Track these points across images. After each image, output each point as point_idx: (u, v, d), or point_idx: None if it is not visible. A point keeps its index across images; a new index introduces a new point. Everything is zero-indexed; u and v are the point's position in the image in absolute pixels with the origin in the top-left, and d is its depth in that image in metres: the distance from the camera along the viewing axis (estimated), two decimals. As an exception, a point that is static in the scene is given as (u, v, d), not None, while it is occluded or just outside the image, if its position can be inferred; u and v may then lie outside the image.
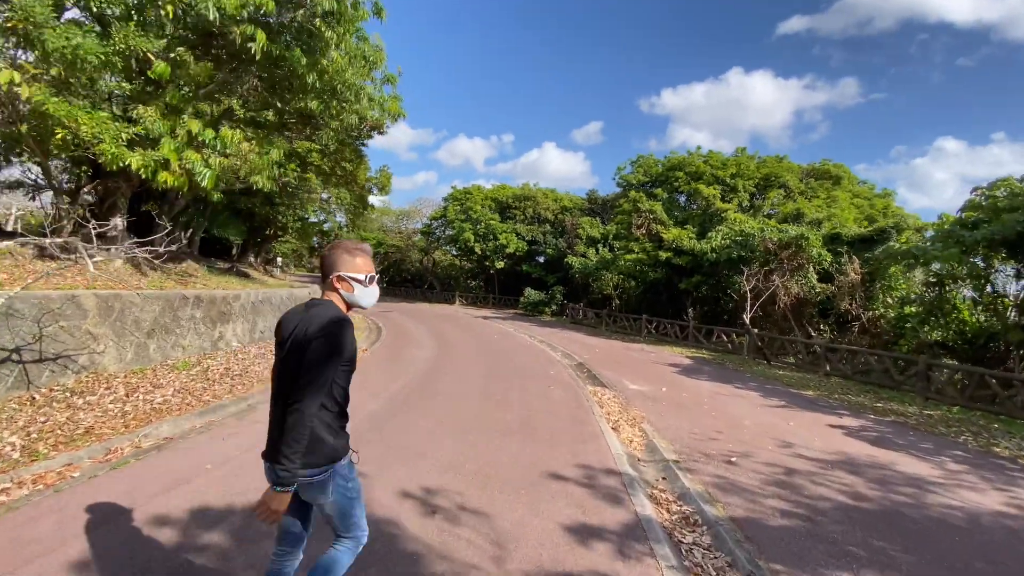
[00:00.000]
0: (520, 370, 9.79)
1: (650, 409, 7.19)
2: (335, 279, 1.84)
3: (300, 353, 1.69)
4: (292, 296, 12.99)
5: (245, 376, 7.76)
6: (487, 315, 25.97)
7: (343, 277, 1.84)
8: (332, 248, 1.91)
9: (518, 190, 35.57)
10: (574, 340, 16.38)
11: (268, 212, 23.35)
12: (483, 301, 35.68)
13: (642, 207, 20.69)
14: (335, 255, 1.87)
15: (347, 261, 1.85)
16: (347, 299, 1.87)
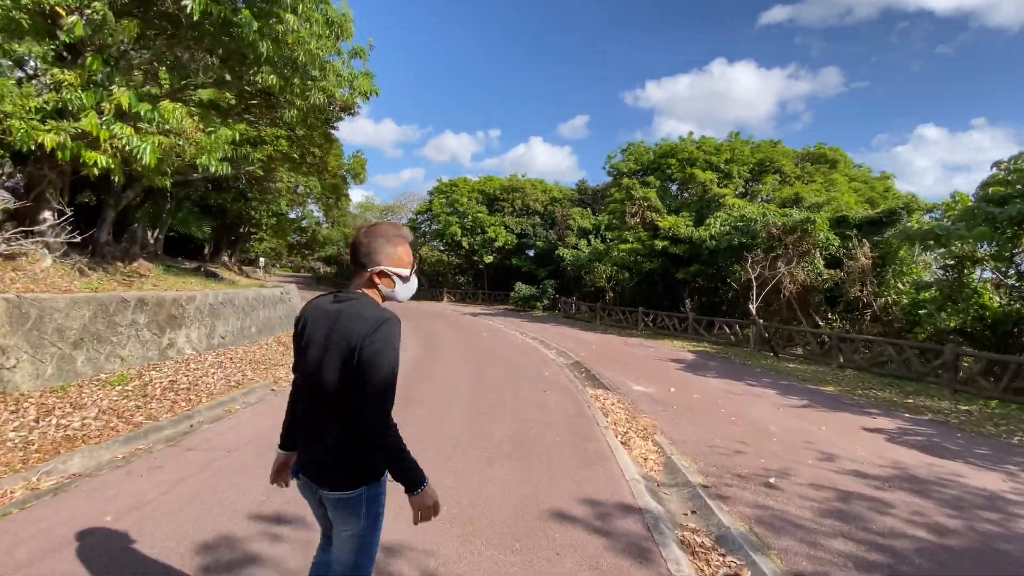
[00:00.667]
0: (512, 372, 8.86)
1: (661, 415, 6.31)
2: (376, 275, 1.58)
3: (347, 360, 1.47)
4: (260, 296, 11.89)
5: (193, 389, 6.73)
6: (476, 312, 25.01)
7: (386, 272, 1.59)
8: (368, 235, 1.60)
9: (506, 181, 34.54)
10: (568, 336, 15.49)
11: (240, 208, 22.09)
12: (472, 297, 34.67)
13: (635, 195, 19.83)
14: (374, 245, 1.58)
15: (389, 253, 1.59)
16: (386, 295, 1.63)
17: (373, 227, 1.64)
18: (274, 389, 7.47)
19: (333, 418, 1.51)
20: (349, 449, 1.50)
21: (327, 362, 1.50)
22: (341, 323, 1.51)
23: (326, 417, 1.52)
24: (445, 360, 9.93)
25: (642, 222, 19.59)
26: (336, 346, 1.49)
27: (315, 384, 1.54)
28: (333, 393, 1.49)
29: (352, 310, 1.52)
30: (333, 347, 1.50)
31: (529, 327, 17.91)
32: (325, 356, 1.51)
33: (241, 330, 10.25)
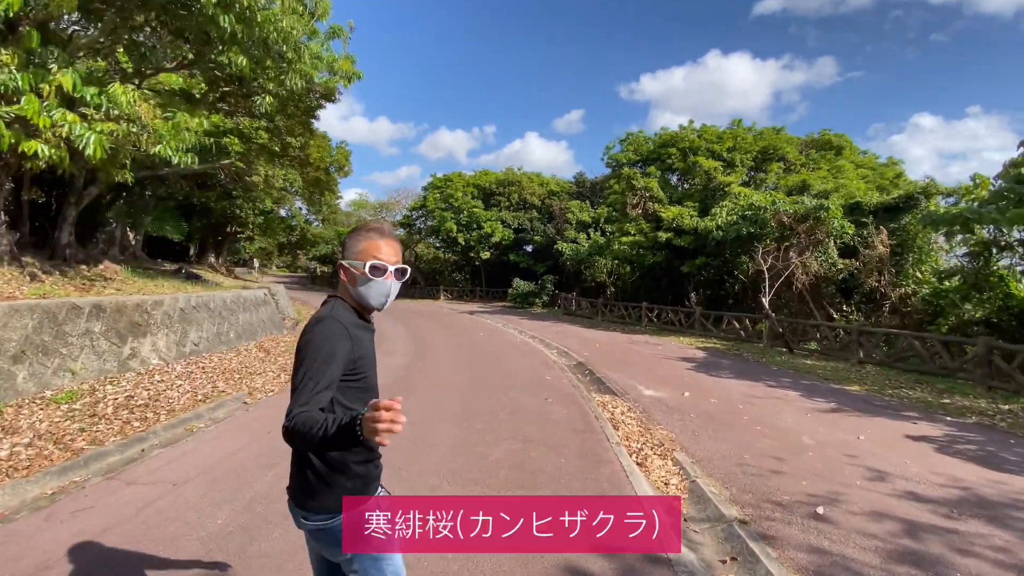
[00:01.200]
0: (510, 378, 8.18)
1: (678, 426, 5.64)
2: (340, 268, 1.53)
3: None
4: (240, 299, 11.18)
5: (152, 406, 6.03)
6: (473, 310, 24.32)
7: (343, 265, 1.50)
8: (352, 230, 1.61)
9: (501, 175, 33.78)
10: (569, 334, 14.82)
11: (225, 207, 21.33)
12: (469, 295, 33.99)
13: (637, 185, 19.12)
14: (347, 238, 1.56)
15: (350, 244, 1.51)
16: (354, 296, 1.51)
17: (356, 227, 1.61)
18: (247, 402, 6.78)
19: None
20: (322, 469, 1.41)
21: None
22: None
23: None
24: (436, 367, 9.24)
25: (644, 213, 18.89)
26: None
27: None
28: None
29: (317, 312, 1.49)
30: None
31: (528, 325, 17.23)
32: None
33: (217, 336, 9.55)
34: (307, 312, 19.38)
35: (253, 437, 5.15)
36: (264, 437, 5.11)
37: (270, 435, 5.19)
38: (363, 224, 1.59)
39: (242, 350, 9.82)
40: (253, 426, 5.57)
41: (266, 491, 3.77)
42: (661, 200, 19.06)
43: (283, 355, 9.92)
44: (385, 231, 1.54)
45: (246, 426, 5.61)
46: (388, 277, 1.47)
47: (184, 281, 13.34)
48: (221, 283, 16.60)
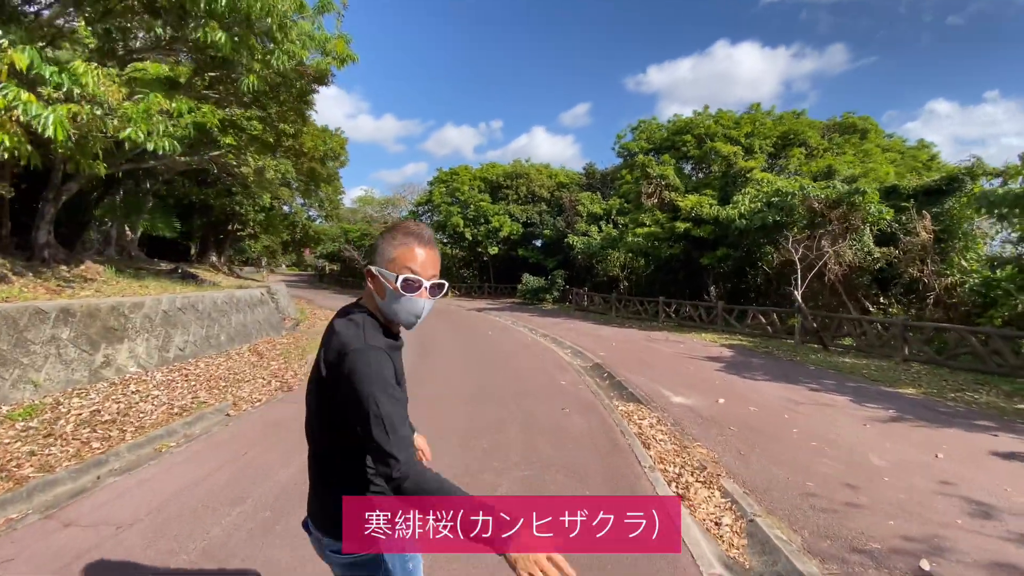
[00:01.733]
0: (521, 383, 7.45)
1: (719, 443, 4.87)
2: (367, 273, 1.33)
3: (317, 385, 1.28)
4: (233, 299, 10.58)
5: (120, 421, 5.40)
6: (482, 307, 23.63)
7: (372, 272, 1.30)
8: (383, 230, 1.35)
9: (509, 168, 32.98)
10: (583, 332, 14.04)
11: (225, 204, 20.82)
12: (478, 291, 33.33)
13: (652, 173, 18.20)
14: (378, 241, 1.33)
15: (383, 249, 1.29)
16: (381, 308, 1.31)
17: (388, 227, 1.37)
18: (230, 414, 6.14)
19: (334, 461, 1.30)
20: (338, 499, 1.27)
21: (317, 395, 1.29)
22: (326, 347, 1.27)
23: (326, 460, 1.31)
24: (440, 370, 8.55)
25: (660, 203, 17.99)
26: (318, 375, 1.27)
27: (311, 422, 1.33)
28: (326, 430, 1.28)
29: (335, 327, 1.29)
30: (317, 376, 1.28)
31: (539, 323, 16.48)
32: (315, 389, 1.30)
33: (206, 339, 8.95)
34: (312, 311, 18.84)
35: (227, 459, 4.49)
36: (239, 459, 4.45)
37: (247, 456, 4.54)
38: (399, 224, 1.34)
39: (233, 354, 9.22)
40: (230, 445, 4.91)
41: (224, 537, 3.09)
42: (677, 189, 18.14)
43: (277, 359, 9.31)
44: (425, 237, 1.30)
45: (222, 445, 4.95)
46: (422, 294, 1.28)
47: (177, 281, 12.79)
48: (219, 283, 16.07)
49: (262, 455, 4.56)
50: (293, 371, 8.38)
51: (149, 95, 6.17)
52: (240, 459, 4.48)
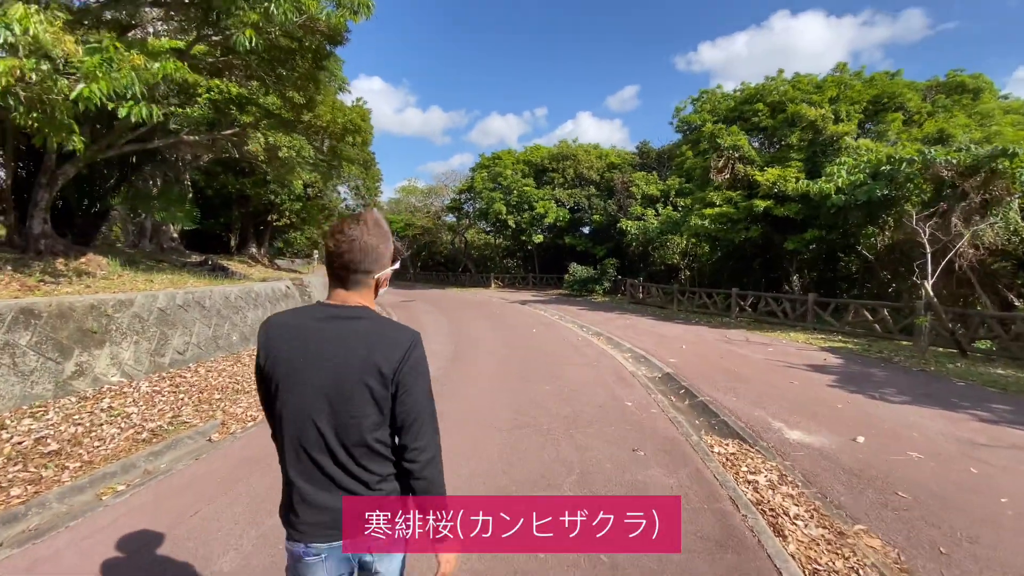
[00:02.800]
0: (573, 402, 5.90)
1: (891, 525, 3.11)
2: (382, 280, 1.38)
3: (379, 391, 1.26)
4: (250, 294, 9.69)
5: (69, 451, 4.37)
6: (526, 299, 22.15)
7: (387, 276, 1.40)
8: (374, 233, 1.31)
9: (555, 149, 31.06)
10: (643, 329, 12.22)
11: (261, 192, 20.46)
12: (522, 282, 31.87)
13: (722, 143, 15.83)
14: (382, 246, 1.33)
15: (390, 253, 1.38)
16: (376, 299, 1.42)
17: (369, 221, 1.32)
18: (213, 439, 5.01)
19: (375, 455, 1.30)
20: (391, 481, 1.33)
21: (357, 395, 1.25)
22: (366, 345, 1.25)
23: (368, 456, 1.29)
24: (472, 381, 7.13)
25: (731, 180, 15.65)
26: (359, 375, 1.25)
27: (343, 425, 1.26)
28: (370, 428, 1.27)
29: (370, 329, 1.28)
30: (354, 376, 1.25)
31: (590, 317, 14.78)
32: (353, 390, 1.25)
33: (214, 339, 8.02)
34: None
35: (176, 518, 3.28)
36: (181, 526, 3.20)
37: (194, 520, 3.28)
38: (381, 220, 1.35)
39: (245, 356, 8.25)
40: (185, 494, 3.70)
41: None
42: (753, 161, 15.70)
43: (290, 363, 8.26)
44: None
45: (183, 491, 3.76)
46: None
47: (201, 274, 12.17)
48: (250, 275, 15.54)
49: (216, 517, 3.30)
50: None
51: (106, 41, 5.05)
52: (183, 525, 3.23)
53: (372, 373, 1.24)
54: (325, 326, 1.27)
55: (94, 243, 11.30)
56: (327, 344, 1.25)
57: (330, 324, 1.27)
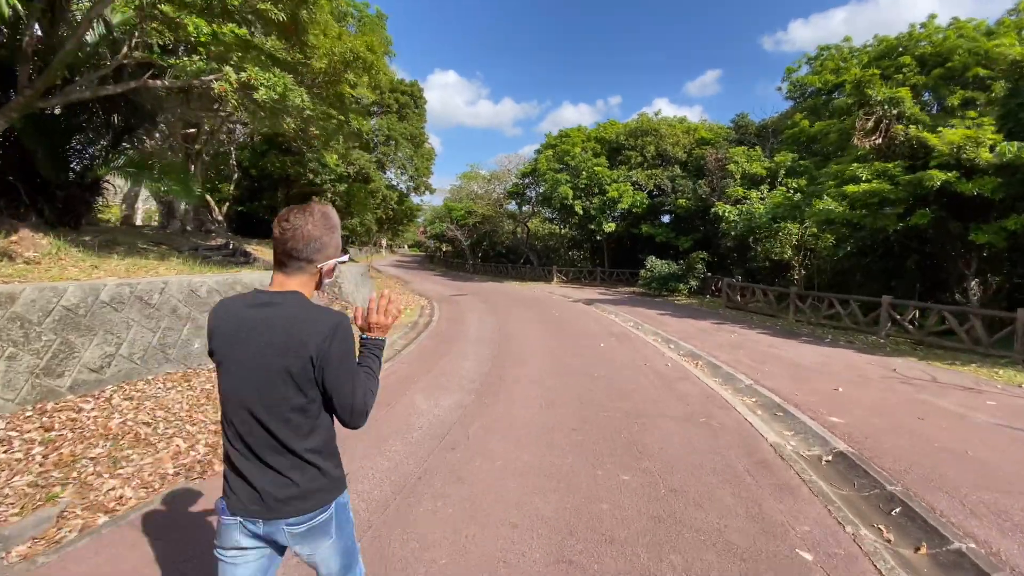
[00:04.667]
0: (678, 511, 3.06)
1: None
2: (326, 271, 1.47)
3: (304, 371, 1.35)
4: (230, 285, 7.72)
5: None
6: (592, 297, 19.10)
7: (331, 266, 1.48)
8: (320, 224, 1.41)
9: (633, 123, 27.38)
10: (761, 352, 8.90)
11: (301, 172, 19.14)
12: (588, 277, 28.68)
13: (874, 96, 11.75)
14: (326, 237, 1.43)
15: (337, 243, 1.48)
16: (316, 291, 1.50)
17: (316, 212, 1.42)
18: (8, 559, 2.79)
19: (301, 437, 1.39)
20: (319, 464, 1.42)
21: (279, 380, 1.35)
22: (285, 330, 1.35)
23: (293, 439, 1.38)
24: (497, 443, 4.50)
25: (885, 145, 11.57)
26: (285, 358, 1.34)
27: (268, 408, 1.36)
28: (295, 410, 1.37)
29: (295, 314, 1.36)
30: (279, 360, 1.34)
31: (677, 327, 11.56)
32: (275, 375, 1.35)
33: (161, 348, 6.02)
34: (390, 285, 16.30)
35: None
36: None
37: None
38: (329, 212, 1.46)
39: (204, 373, 6.20)
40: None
41: None
42: (921, 120, 11.50)
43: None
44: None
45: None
46: None
47: (208, 261, 10.56)
48: (275, 262, 13.93)
49: None
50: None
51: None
52: None
53: (292, 356, 1.33)
54: (255, 312, 1.36)
55: (86, 220, 9.97)
56: (255, 329, 1.35)
57: (259, 310, 1.36)
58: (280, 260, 1.39)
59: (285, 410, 1.34)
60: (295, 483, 1.38)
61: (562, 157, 26.91)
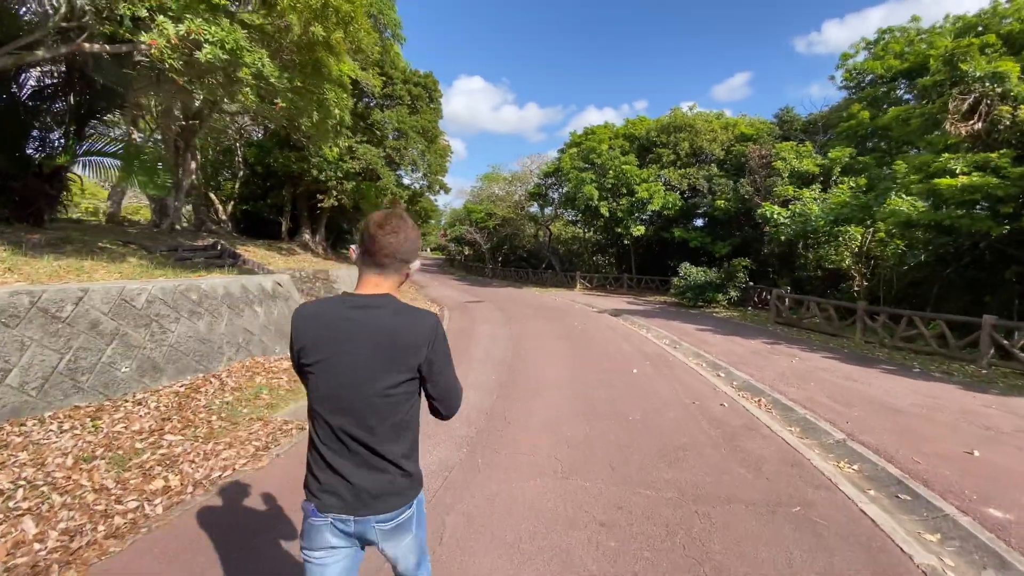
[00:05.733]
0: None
1: None
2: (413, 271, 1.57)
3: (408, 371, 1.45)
4: (187, 292, 6.49)
5: None
6: (619, 307, 17.42)
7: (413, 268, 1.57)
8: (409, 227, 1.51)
9: (665, 119, 25.57)
10: (837, 385, 7.16)
11: (305, 167, 18.09)
12: (614, 284, 26.92)
13: (970, 72, 9.83)
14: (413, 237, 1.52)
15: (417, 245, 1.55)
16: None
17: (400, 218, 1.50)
18: None
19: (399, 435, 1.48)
20: (409, 463, 1.50)
21: (384, 379, 1.43)
22: (390, 332, 1.43)
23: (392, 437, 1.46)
24: (495, 538, 2.93)
25: (985, 132, 9.64)
26: (391, 359, 1.42)
27: (369, 407, 1.43)
28: (396, 410, 1.45)
29: (397, 317, 1.46)
30: (384, 361, 1.42)
31: (723, 348, 9.87)
32: (380, 374, 1.42)
33: (71, 373, 4.75)
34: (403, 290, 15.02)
35: None
36: None
37: None
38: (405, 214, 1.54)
39: (122, 407, 4.91)
40: None
41: None
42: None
43: (212, 420, 4.82)
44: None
45: None
46: None
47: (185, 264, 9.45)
48: (269, 265, 12.84)
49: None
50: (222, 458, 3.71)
51: None
52: None
53: (398, 357, 1.41)
54: (356, 314, 1.43)
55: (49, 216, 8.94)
56: (357, 331, 1.41)
57: (361, 312, 1.43)
58: (381, 262, 1.46)
59: (385, 409, 1.42)
60: (388, 481, 1.46)
61: (587, 155, 25.31)
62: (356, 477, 1.43)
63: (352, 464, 1.43)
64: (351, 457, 1.43)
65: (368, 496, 1.43)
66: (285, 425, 5.09)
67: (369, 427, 1.41)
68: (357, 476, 1.43)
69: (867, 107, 18.70)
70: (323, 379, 1.42)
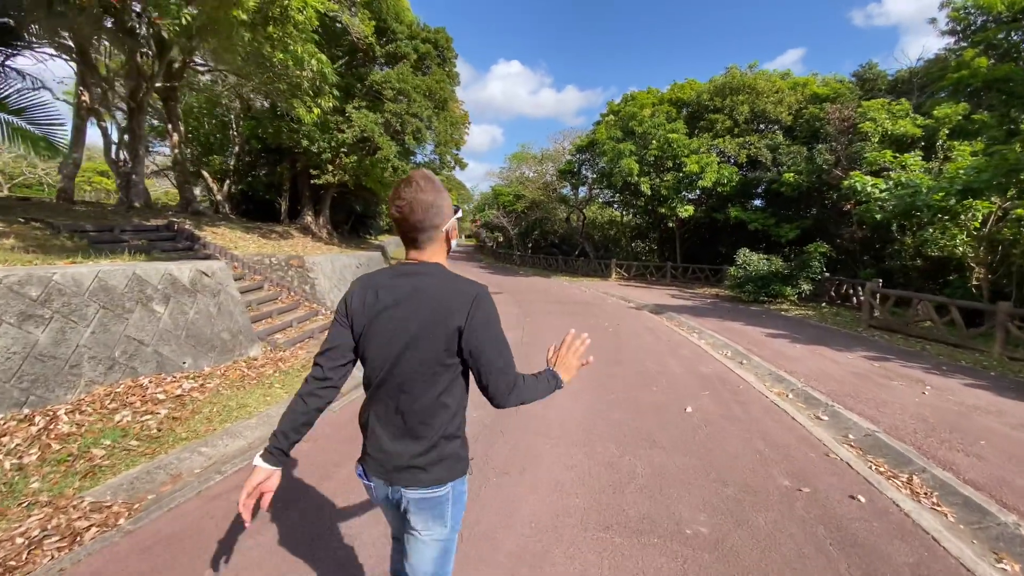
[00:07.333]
0: None
1: None
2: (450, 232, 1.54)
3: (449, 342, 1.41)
4: (60, 287, 4.51)
5: None
6: (662, 301, 14.77)
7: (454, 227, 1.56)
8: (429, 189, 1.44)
9: (720, 80, 22.24)
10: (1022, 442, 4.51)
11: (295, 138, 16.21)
12: (655, 273, 24.04)
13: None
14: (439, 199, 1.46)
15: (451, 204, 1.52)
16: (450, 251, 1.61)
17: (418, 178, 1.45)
18: None
19: (436, 410, 1.45)
20: (446, 442, 1.47)
21: (423, 348, 1.41)
22: (432, 299, 1.41)
23: (428, 410, 1.44)
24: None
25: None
26: (431, 329, 1.40)
27: (407, 376, 1.43)
28: (434, 382, 1.43)
29: (440, 284, 1.44)
30: (427, 330, 1.40)
31: (813, 368, 7.26)
32: (419, 343, 1.41)
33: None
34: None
35: None
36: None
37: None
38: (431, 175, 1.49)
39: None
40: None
41: None
42: None
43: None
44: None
45: None
46: None
47: (114, 250, 7.66)
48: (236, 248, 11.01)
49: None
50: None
51: None
52: None
53: (440, 325, 1.38)
54: (401, 281, 1.44)
55: None
56: (401, 298, 1.41)
57: (405, 279, 1.44)
58: (409, 237, 1.45)
59: (423, 379, 1.41)
60: (418, 454, 1.44)
61: (627, 123, 22.39)
62: (390, 445, 1.46)
63: (389, 433, 1.47)
64: (389, 425, 1.47)
65: (399, 466, 1.45)
66: (91, 512, 3.04)
67: (408, 396, 1.43)
68: (391, 445, 1.46)
69: (985, 50, 15.15)
70: (368, 345, 1.44)
